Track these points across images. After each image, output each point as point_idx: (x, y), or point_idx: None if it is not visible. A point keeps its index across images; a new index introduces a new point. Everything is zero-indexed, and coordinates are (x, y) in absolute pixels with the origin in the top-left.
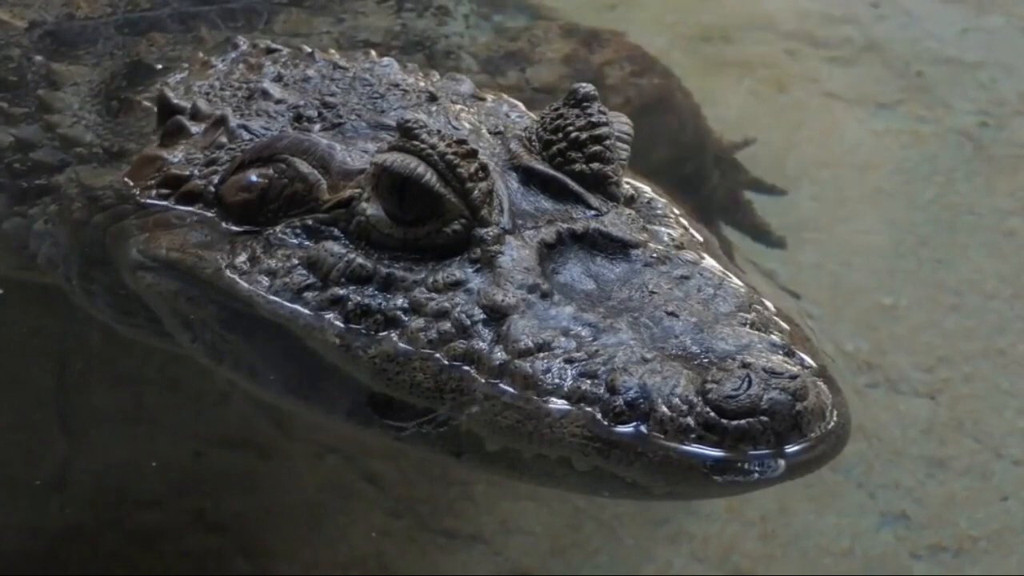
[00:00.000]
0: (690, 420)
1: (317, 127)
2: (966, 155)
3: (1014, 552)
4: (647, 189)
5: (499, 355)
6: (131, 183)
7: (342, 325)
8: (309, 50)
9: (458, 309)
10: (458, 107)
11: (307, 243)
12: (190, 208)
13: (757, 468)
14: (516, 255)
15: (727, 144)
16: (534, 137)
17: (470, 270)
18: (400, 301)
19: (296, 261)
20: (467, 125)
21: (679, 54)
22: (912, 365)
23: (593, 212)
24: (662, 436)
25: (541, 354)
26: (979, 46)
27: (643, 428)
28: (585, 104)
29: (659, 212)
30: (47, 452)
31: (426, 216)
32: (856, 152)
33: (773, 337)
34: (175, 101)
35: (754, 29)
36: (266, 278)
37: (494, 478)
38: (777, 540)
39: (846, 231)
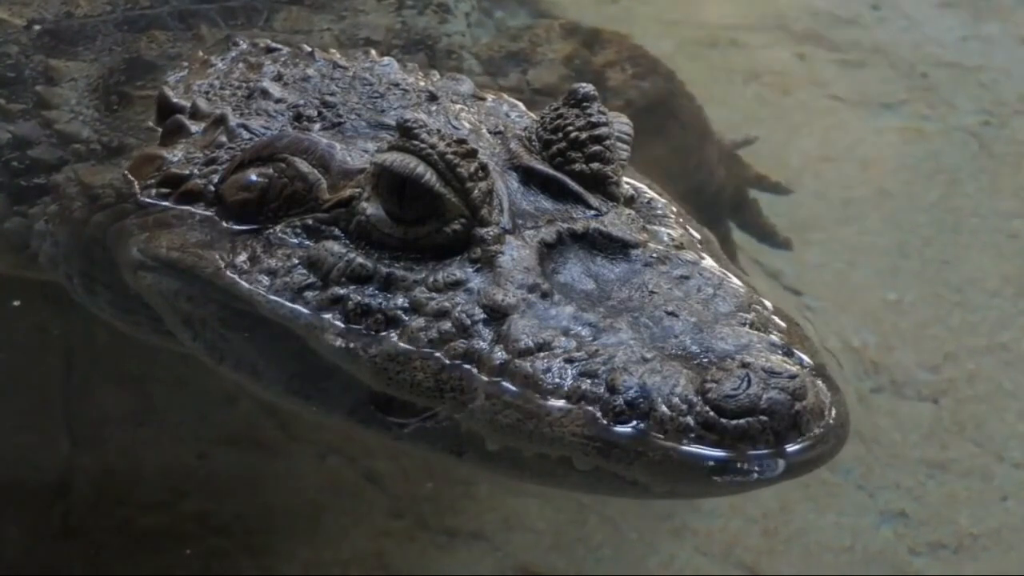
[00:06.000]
0: (690, 419)
1: (317, 126)
2: (970, 152)
3: (1013, 549)
4: (647, 189)
5: (499, 355)
6: (132, 180)
7: (342, 324)
8: (309, 49)
9: (458, 309)
10: (458, 107)
11: (307, 242)
12: (190, 207)
13: (756, 467)
14: (516, 255)
15: (728, 143)
16: (534, 137)
17: (470, 270)
18: (400, 301)
19: (296, 260)
20: (467, 125)
21: (680, 52)
22: (916, 367)
23: (593, 212)
24: (662, 435)
25: (541, 354)
26: (979, 52)
27: (643, 427)
28: (585, 104)
29: (659, 212)
30: (52, 454)
31: (426, 216)
32: (859, 149)
33: (772, 337)
34: (175, 100)
35: (755, 27)
36: (266, 277)
37: (495, 477)
38: (779, 536)
39: (850, 230)
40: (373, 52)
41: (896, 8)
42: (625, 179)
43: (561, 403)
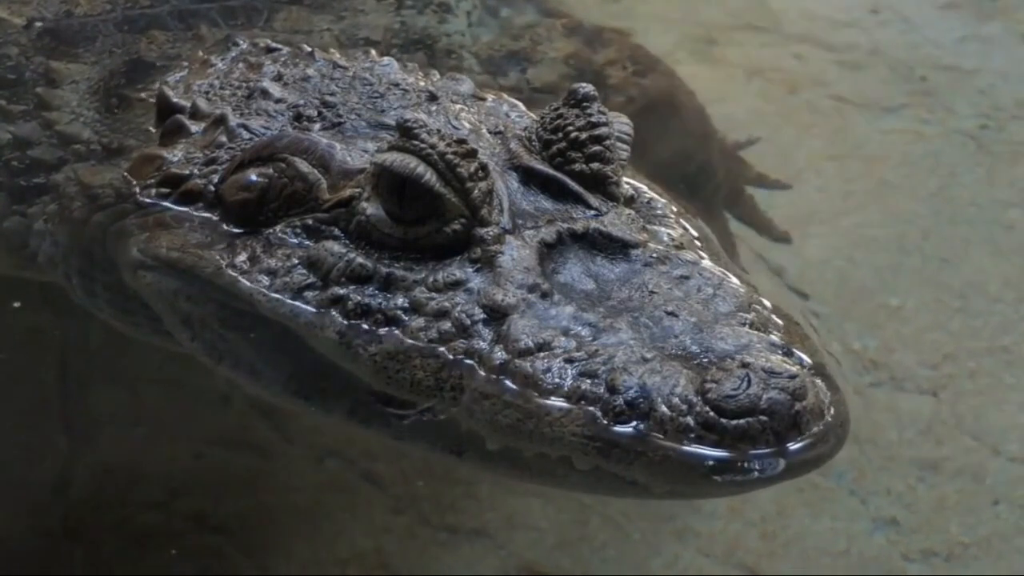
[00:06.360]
0: (689, 420)
1: (317, 126)
2: (968, 151)
3: (1003, 557)
4: (647, 189)
5: (499, 355)
6: (131, 180)
7: (342, 324)
8: (309, 49)
9: (458, 309)
10: (458, 107)
11: (307, 242)
12: (190, 207)
13: (757, 467)
14: (516, 255)
15: (731, 143)
16: (534, 137)
17: (470, 270)
18: (400, 300)
19: (296, 260)
20: (467, 125)
21: (683, 50)
22: (917, 365)
23: (593, 212)
24: (662, 435)
25: (541, 354)
26: (977, 54)
27: (643, 427)
28: (585, 104)
29: (659, 212)
30: (49, 453)
31: (426, 216)
32: (862, 148)
33: (772, 337)
34: (175, 100)
35: (757, 27)
36: (266, 277)
37: (495, 477)
38: (777, 540)
39: (851, 227)
40: (373, 52)
41: (895, 11)
42: (625, 179)
43: (561, 403)
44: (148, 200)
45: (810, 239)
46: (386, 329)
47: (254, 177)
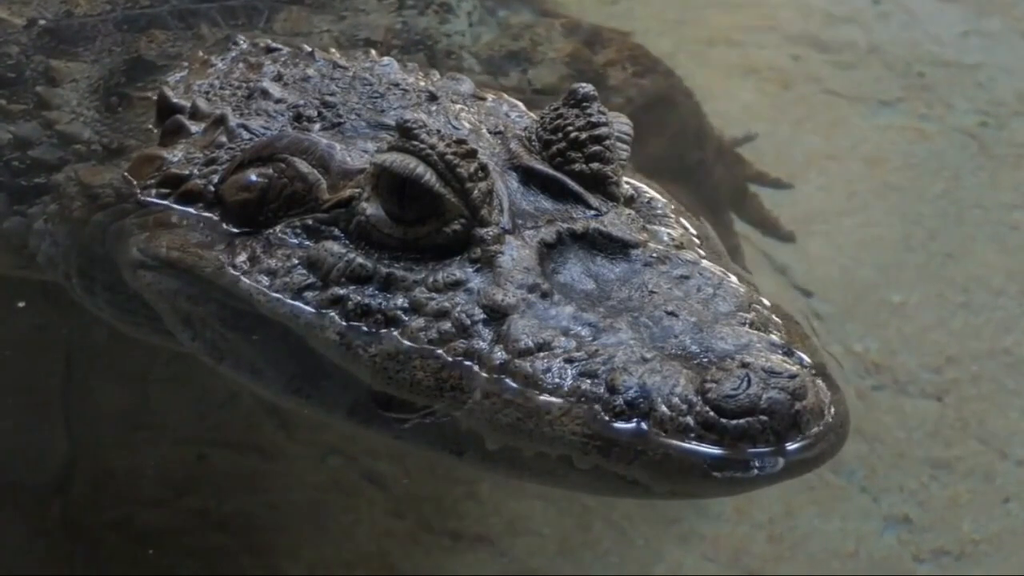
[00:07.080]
0: (689, 419)
1: (317, 126)
2: (971, 151)
3: (1014, 554)
4: (647, 189)
5: (499, 355)
6: (132, 180)
7: (342, 324)
8: (309, 49)
9: (458, 309)
10: (458, 107)
11: (307, 243)
12: (190, 207)
13: (757, 467)
14: (516, 255)
15: (728, 140)
16: (534, 137)
17: (470, 270)
18: (400, 301)
19: (296, 261)
20: (467, 125)
21: (682, 50)
22: (920, 368)
23: (593, 212)
24: (662, 435)
25: (541, 354)
26: (978, 48)
27: (643, 427)
28: (585, 104)
29: (659, 212)
30: (52, 453)
31: (426, 216)
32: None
33: (772, 337)
34: (175, 100)
35: (756, 25)
36: (266, 277)
37: (496, 477)
38: (785, 542)
39: (854, 224)
40: (373, 52)
41: (897, 4)
42: (625, 179)
43: (561, 403)
44: (148, 200)
45: (813, 237)
46: (386, 329)
47: (254, 177)
